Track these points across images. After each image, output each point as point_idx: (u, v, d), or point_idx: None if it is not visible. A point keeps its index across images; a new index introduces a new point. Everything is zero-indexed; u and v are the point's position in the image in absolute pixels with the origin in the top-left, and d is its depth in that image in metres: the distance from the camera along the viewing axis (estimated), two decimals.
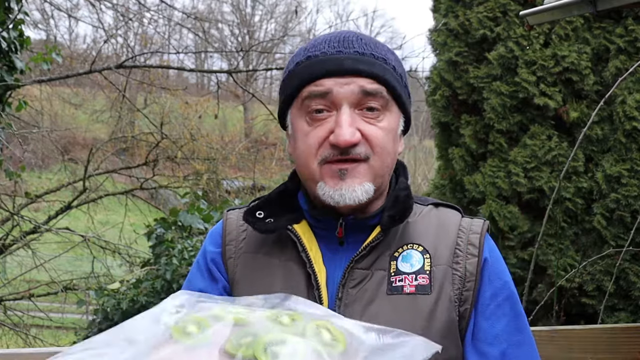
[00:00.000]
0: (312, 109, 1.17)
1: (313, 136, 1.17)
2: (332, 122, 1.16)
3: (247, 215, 1.27)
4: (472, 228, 1.25)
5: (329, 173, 1.16)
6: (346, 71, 1.15)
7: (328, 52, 1.18)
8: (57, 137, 11.67)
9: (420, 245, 1.22)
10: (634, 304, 4.60)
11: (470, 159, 5.28)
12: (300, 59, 1.21)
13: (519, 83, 4.89)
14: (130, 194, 8.26)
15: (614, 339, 2.20)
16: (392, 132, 1.21)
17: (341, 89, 1.15)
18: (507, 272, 1.27)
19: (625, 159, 4.61)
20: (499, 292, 1.23)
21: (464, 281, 1.20)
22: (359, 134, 1.15)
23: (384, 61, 1.19)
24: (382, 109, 1.18)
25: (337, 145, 1.14)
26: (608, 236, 4.63)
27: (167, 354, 0.86)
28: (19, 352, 1.47)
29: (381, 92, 1.17)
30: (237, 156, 11.86)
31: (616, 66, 4.64)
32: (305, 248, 1.21)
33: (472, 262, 1.21)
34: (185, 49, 15.32)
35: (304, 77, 1.18)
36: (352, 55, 1.17)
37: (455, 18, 5.26)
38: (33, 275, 7.43)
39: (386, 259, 1.21)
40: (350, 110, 1.15)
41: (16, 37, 4.63)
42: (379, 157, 1.18)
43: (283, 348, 0.86)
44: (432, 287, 1.18)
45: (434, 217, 1.28)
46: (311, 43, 1.23)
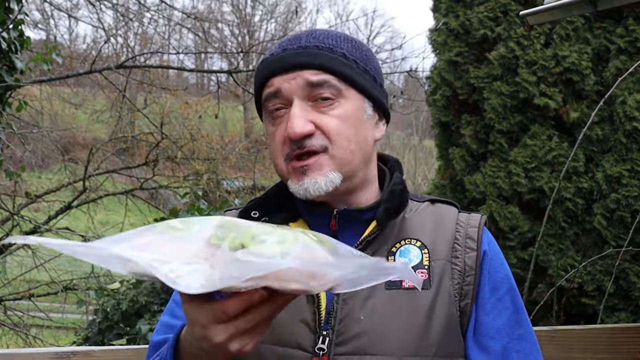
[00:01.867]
0: (272, 109, 1.20)
1: (277, 135, 1.19)
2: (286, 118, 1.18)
3: (242, 215, 1.26)
4: (470, 222, 1.25)
5: (293, 171, 1.18)
6: (289, 66, 1.17)
7: (275, 53, 1.20)
8: (57, 137, 11.66)
9: (418, 240, 1.22)
10: (634, 304, 4.60)
11: (470, 159, 5.27)
12: (258, 65, 1.25)
13: (519, 83, 4.89)
14: (130, 194, 8.26)
15: (614, 339, 2.20)
16: (351, 118, 1.19)
17: (288, 85, 1.16)
18: (506, 265, 1.27)
19: (625, 159, 4.61)
20: (500, 285, 1.22)
21: (464, 275, 1.19)
22: (311, 125, 1.15)
23: (330, 50, 1.19)
24: (335, 97, 1.17)
25: (290, 138, 1.15)
26: (608, 236, 4.63)
27: (152, 240, 0.86)
28: (19, 352, 1.47)
29: (328, 80, 1.17)
30: (237, 156, 11.84)
31: (617, 66, 4.64)
32: None
33: (472, 256, 1.20)
34: (185, 49, 15.33)
35: (259, 81, 1.22)
36: (294, 50, 1.18)
37: (455, 18, 5.26)
38: (33, 275, 7.43)
39: (384, 254, 1.20)
40: (301, 103, 1.16)
41: (16, 38, 4.63)
42: (338, 145, 1.17)
43: (271, 236, 0.85)
44: (431, 281, 1.17)
45: (431, 213, 1.27)
46: (270, 50, 1.27)
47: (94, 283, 6.59)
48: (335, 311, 1.15)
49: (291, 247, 0.83)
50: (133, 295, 4.88)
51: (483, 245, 1.22)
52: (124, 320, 4.82)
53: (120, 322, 4.84)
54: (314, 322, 1.16)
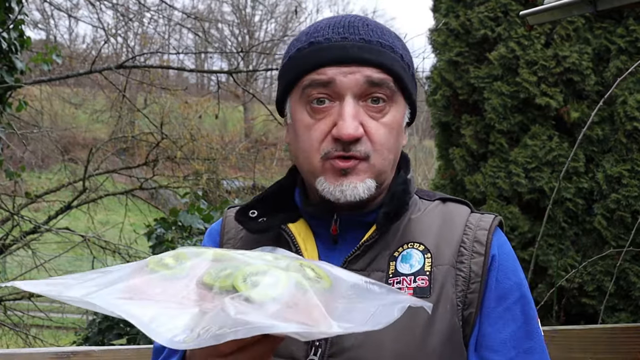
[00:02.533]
0: (313, 98, 1.10)
1: (315, 130, 1.10)
2: (334, 114, 1.09)
3: (239, 215, 1.21)
4: (480, 224, 1.15)
5: (331, 170, 1.10)
6: (351, 59, 1.08)
7: (332, 39, 1.10)
8: (57, 137, 11.65)
9: (421, 244, 1.14)
10: (634, 304, 4.60)
11: (470, 159, 5.27)
12: (302, 44, 1.14)
13: (519, 83, 4.89)
14: (130, 194, 8.25)
15: (614, 339, 2.20)
16: (396, 127, 1.13)
17: (345, 79, 1.08)
18: (519, 272, 1.16)
19: (625, 160, 4.61)
20: (508, 293, 1.13)
21: (469, 282, 1.11)
22: (362, 129, 1.08)
23: (391, 49, 1.12)
24: (387, 100, 1.11)
25: (339, 139, 1.07)
26: (608, 236, 4.63)
27: (141, 282, 0.82)
28: (19, 352, 1.47)
29: (387, 82, 1.10)
30: (237, 156, 11.84)
31: (617, 66, 4.64)
32: (299, 248, 1.15)
33: (478, 262, 1.12)
34: (185, 49, 15.33)
35: (306, 65, 1.11)
36: (357, 43, 1.09)
37: (456, 18, 5.26)
38: (33, 275, 7.42)
39: (385, 259, 1.13)
40: (354, 101, 1.08)
41: (16, 38, 4.63)
42: (379, 155, 1.11)
43: (264, 278, 0.81)
44: (432, 289, 1.09)
45: (440, 213, 1.19)
46: (313, 27, 1.16)
47: None
48: None
49: (283, 291, 0.79)
50: None
51: (492, 249, 1.13)
52: (124, 320, 4.82)
53: (120, 322, 4.84)
54: None
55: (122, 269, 0.86)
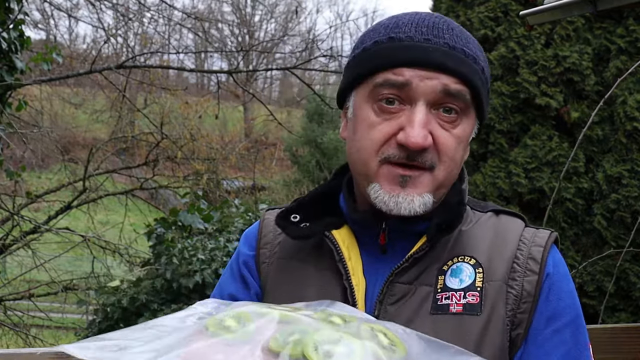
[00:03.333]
0: (383, 97, 1.02)
1: (379, 130, 1.02)
2: (403, 118, 1.01)
3: (280, 218, 1.14)
4: (536, 240, 1.08)
5: (389, 177, 1.02)
6: (432, 64, 1.00)
7: (415, 38, 1.02)
8: (57, 137, 11.65)
9: (472, 258, 1.07)
10: (635, 304, 4.59)
11: (470, 159, 5.28)
12: (380, 37, 1.05)
13: (520, 83, 4.89)
14: (130, 194, 8.25)
15: (614, 339, 2.19)
16: (465, 141, 1.06)
17: (421, 83, 1.00)
18: (573, 294, 1.09)
19: (625, 160, 4.61)
20: (559, 315, 1.05)
21: (520, 302, 1.04)
22: (430, 138, 1.00)
23: (473, 60, 1.04)
24: (460, 112, 1.03)
25: (405, 146, 1.00)
26: (608, 237, 4.63)
27: (202, 347, 0.77)
28: (19, 352, 1.46)
29: (464, 94, 1.02)
30: (237, 156, 11.85)
31: (617, 66, 4.64)
32: (343, 257, 1.08)
33: (531, 280, 1.05)
34: (185, 49, 15.33)
35: (383, 61, 1.03)
36: (441, 47, 1.02)
37: (456, 18, 5.26)
38: (33, 275, 7.42)
39: (433, 273, 1.06)
40: (426, 108, 1.01)
41: (16, 37, 4.63)
42: (445, 168, 1.03)
43: (337, 347, 0.76)
44: (483, 306, 1.02)
45: (492, 226, 1.12)
46: (394, 21, 1.07)
47: (94, 283, 6.59)
48: None
49: None
50: (133, 293, 4.89)
51: (547, 267, 1.06)
52: (124, 319, 4.83)
53: (120, 321, 4.85)
54: None
55: (178, 330, 0.81)
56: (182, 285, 4.96)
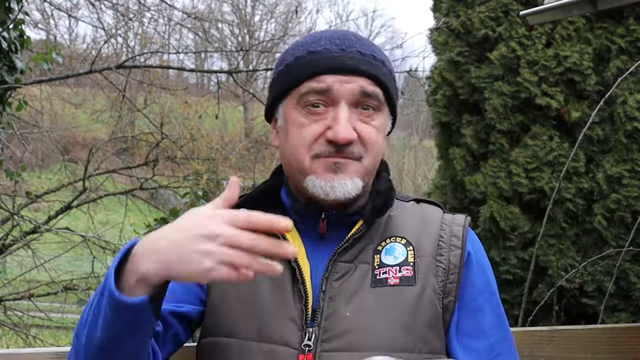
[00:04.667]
0: (309, 103, 1.17)
1: (309, 130, 1.17)
2: (329, 118, 1.17)
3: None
4: (455, 221, 1.27)
5: (323, 166, 1.17)
6: (349, 70, 1.16)
7: (331, 49, 1.18)
8: (57, 137, 11.65)
9: (403, 238, 1.23)
10: (634, 304, 4.60)
11: (471, 159, 5.27)
12: (300, 53, 1.20)
13: (520, 83, 4.89)
14: (130, 194, 8.24)
15: (614, 339, 2.19)
16: (383, 132, 1.23)
17: (341, 87, 1.16)
18: (490, 270, 1.29)
19: (626, 160, 4.61)
20: (486, 287, 1.25)
21: (448, 273, 1.21)
22: (354, 132, 1.17)
23: (382, 63, 1.21)
24: (375, 109, 1.20)
25: (334, 142, 1.15)
26: (608, 237, 4.63)
27: None
28: (19, 352, 1.46)
29: (378, 94, 1.19)
30: (237, 156, 11.84)
31: (617, 66, 4.64)
32: (289, 242, 1.21)
33: (456, 254, 1.22)
34: (185, 49, 15.32)
35: (305, 72, 1.18)
36: (354, 55, 1.18)
37: (456, 17, 5.26)
38: (33, 275, 7.41)
39: (370, 252, 1.22)
40: (348, 108, 1.17)
41: (16, 37, 4.62)
42: (371, 156, 1.20)
43: None
44: (417, 278, 1.19)
45: (416, 212, 1.29)
46: (309, 39, 1.23)
47: (94, 283, 6.59)
48: (322, 308, 1.17)
49: None
50: None
51: (468, 245, 1.24)
52: None
53: None
54: (300, 319, 1.17)
55: None
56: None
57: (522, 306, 3.38)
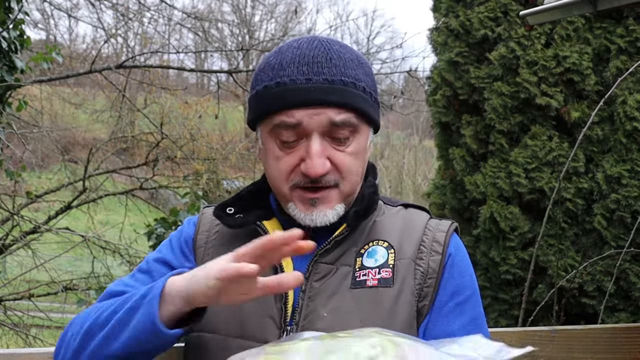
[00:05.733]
0: (281, 137, 1.19)
1: (284, 162, 1.20)
2: (302, 150, 1.18)
3: (218, 210, 1.30)
4: (439, 227, 1.27)
5: (301, 199, 1.20)
6: (315, 102, 1.16)
7: (297, 81, 1.17)
8: (57, 137, 11.66)
9: (385, 242, 1.25)
10: (634, 304, 4.59)
11: (470, 159, 5.27)
12: (268, 82, 1.20)
13: (520, 83, 4.89)
14: (130, 194, 8.24)
15: (614, 339, 2.19)
16: (362, 152, 1.23)
17: (311, 120, 1.16)
18: (471, 271, 1.28)
19: (625, 160, 4.60)
20: (461, 290, 1.24)
21: (426, 277, 1.22)
22: (328, 163, 1.18)
23: (353, 86, 1.19)
24: (351, 133, 1.20)
25: (310, 177, 1.17)
26: (608, 237, 4.63)
27: None
28: (19, 352, 1.47)
29: (349, 119, 1.19)
30: (237, 156, 11.84)
31: (617, 66, 4.63)
32: None
33: (436, 259, 1.23)
34: (185, 49, 15.31)
35: (274, 106, 1.18)
36: (321, 85, 1.17)
37: (455, 18, 5.26)
38: (33, 275, 7.41)
39: (352, 255, 1.23)
40: (320, 138, 1.17)
41: (16, 37, 4.63)
42: (348, 181, 1.21)
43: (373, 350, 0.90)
44: (395, 279, 1.20)
45: (402, 217, 1.31)
46: (279, 60, 1.21)
47: (94, 283, 6.59)
48: (301, 307, 1.19)
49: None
50: None
51: (449, 248, 1.25)
52: None
53: None
54: (280, 317, 1.19)
55: None
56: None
57: (522, 306, 3.38)
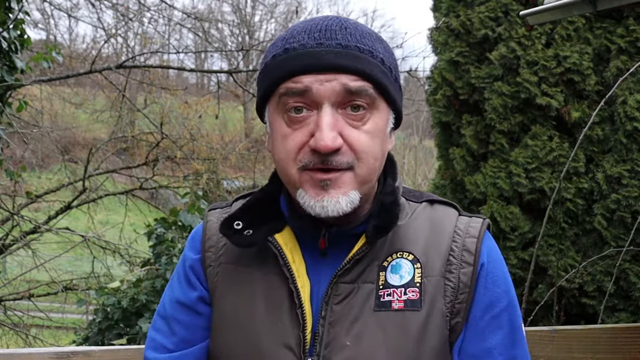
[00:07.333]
0: (290, 107, 1.05)
1: (292, 140, 1.05)
2: (312, 124, 1.03)
3: (224, 227, 1.15)
4: (469, 230, 1.13)
5: (310, 182, 1.05)
6: (327, 67, 1.02)
7: (307, 45, 1.04)
8: (57, 137, 11.66)
9: (410, 254, 1.11)
10: (634, 304, 4.59)
11: (471, 159, 5.27)
12: (277, 51, 1.08)
13: (520, 83, 4.89)
14: (130, 194, 8.26)
15: (614, 339, 2.20)
16: (380, 134, 1.08)
17: (321, 87, 1.02)
18: (507, 279, 1.15)
19: (625, 160, 4.60)
20: (496, 302, 1.12)
21: (457, 293, 1.09)
22: (340, 139, 1.03)
23: (370, 54, 1.05)
24: (368, 107, 1.05)
25: (317, 151, 1.02)
26: (608, 237, 4.63)
27: None
28: (19, 352, 1.46)
29: (366, 89, 1.04)
30: (237, 156, 11.86)
31: (617, 66, 4.63)
32: (287, 261, 1.11)
33: (467, 272, 1.10)
34: (185, 49, 15.31)
35: (281, 73, 1.05)
36: (334, 49, 1.03)
37: (456, 17, 5.26)
38: (33, 275, 7.42)
39: (374, 269, 1.11)
40: (332, 110, 1.03)
41: (16, 37, 4.62)
42: (365, 164, 1.05)
43: None
44: (423, 301, 1.07)
45: (428, 218, 1.16)
46: (290, 31, 1.09)
47: (94, 283, 6.60)
48: (321, 335, 1.07)
49: None
50: (134, 293, 4.88)
51: (482, 257, 1.11)
52: (124, 320, 4.82)
53: (120, 322, 4.84)
54: (298, 347, 1.08)
55: None
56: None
57: (522, 306, 3.38)
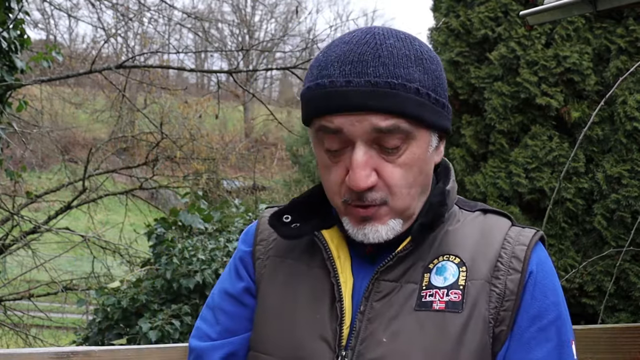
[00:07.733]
0: (327, 148, 1.06)
1: (333, 174, 1.07)
2: (347, 160, 1.04)
3: (273, 219, 1.18)
4: (520, 239, 1.10)
5: (352, 216, 1.08)
6: (355, 108, 1.01)
7: (337, 83, 1.01)
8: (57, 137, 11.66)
9: (457, 257, 1.10)
10: (634, 304, 4.59)
11: (471, 159, 5.27)
12: (311, 82, 1.07)
13: (520, 83, 4.89)
14: (130, 194, 8.25)
15: (614, 339, 2.19)
16: (417, 162, 1.06)
17: (352, 127, 1.01)
18: (558, 292, 1.12)
19: (625, 160, 4.60)
20: (544, 313, 1.08)
21: (503, 300, 1.06)
22: (374, 176, 1.03)
23: (403, 87, 1.01)
24: (403, 141, 1.03)
25: (352, 190, 1.04)
26: (608, 237, 4.63)
27: None
28: (19, 352, 1.46)
29: (398, 126, 1.01)
30: (237, 156, 11.85)
31: (617, 66, 4.64)
32: (331, 255, 1.13)
33: (514, 279, 1.07)
34: (185, 49, 15.32)
35: (314, 110, 1.06)
36: (362, 87, 1.00)
37: (456, 18, 5.26)
38: (33, 275, 7.41)
39: (419, 270, 1.10)
40: (365, 147, 1.02)
41: (16, 37, 4.62)
42: (398, 197, 1.06)
43: None
44: (464, 304, 1.05)
45: (479, 225, 1.14)
46: (324, 59, 1.07)
47: (94, 283, 6.60)
48: (358, 330, 1.07)
49: None
50: (133, 293, 4.88)
51: (530, 265, 1.08)
52: (124, 320, 4.82)
53: (120, 322, 4.84)
54: (334, 340, 1.08)
55: None
56: (182, 286, 4.94)
57: None
